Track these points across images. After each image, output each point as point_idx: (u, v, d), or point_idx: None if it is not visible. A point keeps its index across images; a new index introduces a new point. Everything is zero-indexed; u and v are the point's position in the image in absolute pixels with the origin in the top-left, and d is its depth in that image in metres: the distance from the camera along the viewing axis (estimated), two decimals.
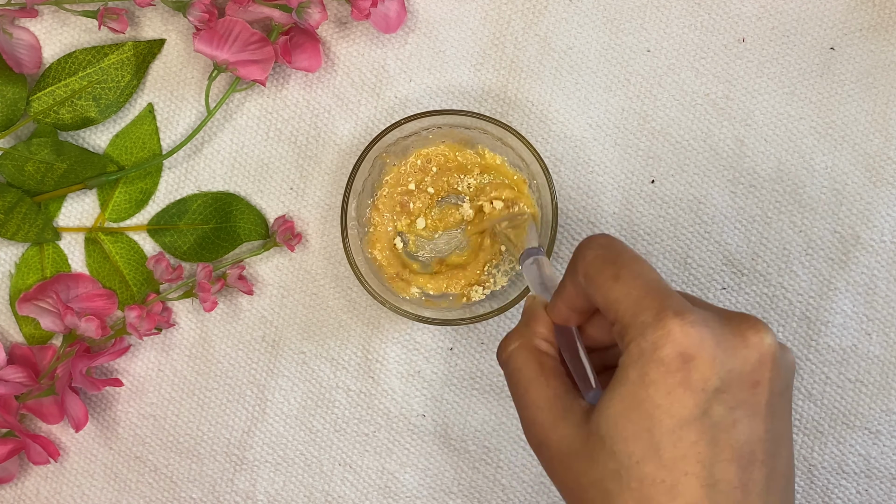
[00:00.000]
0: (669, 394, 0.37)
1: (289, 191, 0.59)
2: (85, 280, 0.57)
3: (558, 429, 0.40)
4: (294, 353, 0.59)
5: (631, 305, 0.38)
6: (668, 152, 0.58)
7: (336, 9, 0.58)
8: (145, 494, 0.59)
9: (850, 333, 0.58)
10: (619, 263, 0.40)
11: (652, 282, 0.39)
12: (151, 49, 0.58)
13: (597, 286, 0.40)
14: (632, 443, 0.38)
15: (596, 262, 0.40)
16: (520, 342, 0.43)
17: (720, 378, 0.37)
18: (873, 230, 0.58)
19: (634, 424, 0.38)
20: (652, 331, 0.37)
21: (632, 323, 0.38)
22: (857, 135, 0.58)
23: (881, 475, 0.58)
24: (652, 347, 0.37)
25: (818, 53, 0.58)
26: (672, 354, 0.37)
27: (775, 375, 0.39)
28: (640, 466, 0.37)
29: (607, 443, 0.38)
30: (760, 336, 0.38)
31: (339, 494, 0.59)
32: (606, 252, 0.40)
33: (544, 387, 0.41)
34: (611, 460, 0.38)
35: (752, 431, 0.38)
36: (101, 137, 0.58)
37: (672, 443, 0.37)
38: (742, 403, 0.38)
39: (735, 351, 0.38)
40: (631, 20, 0.58)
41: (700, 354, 0.37)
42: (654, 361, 0.37)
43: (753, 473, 0.38)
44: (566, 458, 0.39)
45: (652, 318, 0.38)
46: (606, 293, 0.39)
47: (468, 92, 0.58)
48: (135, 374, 0.59)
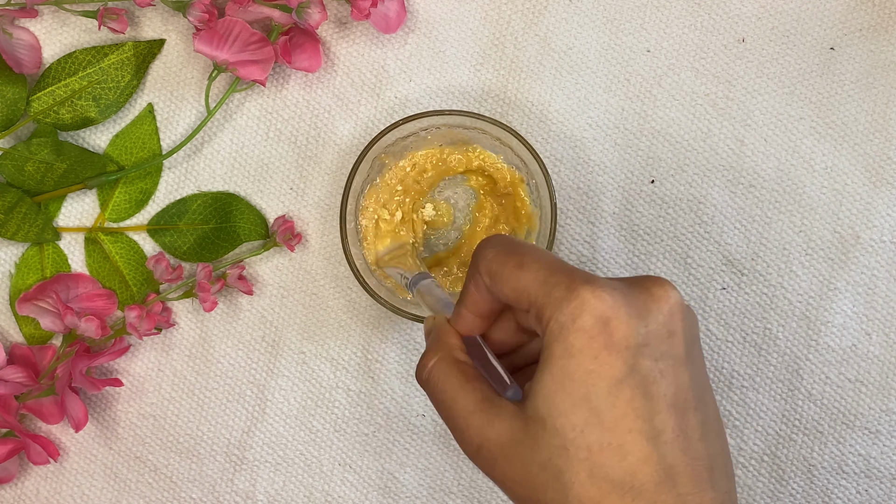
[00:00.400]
0: (596, 358, 0.38)
1: (289, 191, 0.59)
2: (85, 280, 0.57)
3: (494, 426, 0.40)
4: (294, 353, 0.59)
5: (541, 286, 0.39)
6: (668, 152, 0.58)
7: (336, 9, 0.58)
8: (145, 494, 0.59)
9: (850, 333, 0.58)
10: (520, 252, 0.41)
11: (555, 262, 0.40)
12: (151, 49, 0.58)
13: (503, 279, 0.40)
14: (572, 414, 0.38)
15: (497, 257, 0.41)
16: (437, 357, 0.43)
17: (639, 333, 0.38)
18: (873, 230, 0.58)
19: (570, 396, 0.38)
20: (567, 303, 0.38)
21: (546, 302, 0.39)
22: (857, 135, 0.58)
23: (881, 475, 0.58)
24: (570, 318, 0.38)
25: (818, 53, 0.58)
26: (591, 321, 0.38)
27: (686, 325, 0.40)
28: (586, 435, 0.38)
29: (548, 421, 0.38)
30: (666, 290, 0.40)
31: (339, 494, 0.59)
32: (505, 247, 0.41)
33: (470, 391, 0.41)
34: (555, 437, 0.38)
35: (679, 380, 0.39)
36: (101, 137, 0.58)
37: (610, 404, 0.38)
38: (664, 354, 0.39)
39: (646, 307, 0.39)
40: (631, 20, 0.58)
41: (616, 315, 0.38)
42: (575, 331, 0.38)
43: (690, 420, 0.39)
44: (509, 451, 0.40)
45: (564, 292, 0.38)
46: (514, 282, 0.40)
47: (468, 92, 0.58)
48: (135, 374, 0.59)
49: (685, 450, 0.38)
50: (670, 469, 0.38)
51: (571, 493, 0.38)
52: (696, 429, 0.39)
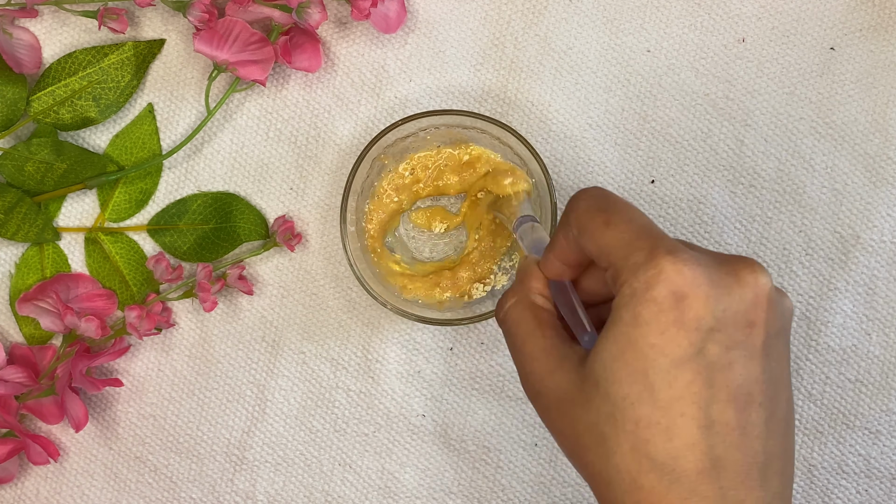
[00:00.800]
0: (663, 333, 0.37)
1: (289, 191, 0.59)
2: (85, 280, 0.57)
3: (555, 376, 0.39)
4: (294, 353, 0.59)
5: (622, 248, 0.38)
6: (668, 152, 0.58)
7: (336, 9, 0.58)
8: (145, 494, 0.59)
9: (850, 333, 0.58)
10: (611, 210, 0.39)
11: (644, 225, 0.39)
12: (151, 49, 0.58)
13: (589, 234, 0.39)
14: (626, 384, 0.37)
15: (588, 211, 0.40)
16: (516, 298, 0.43)
17: (714, 317, 0.37)
18: (873, 230, 0.58)
19: (629, 366, 0.37)
20: (644, 270, 0.37)
21: (624, 265, 0.38)
22: (857, 135, 0.58)
23: (881, 475, 0.58)
24: (644, 287, 0.37)
25: (818, 53, 0.58)
26: (665, 293, 0.37)
27: (771, 316, 0.38)
28: (636, 408, 0.37)
29: (602, 385, 0.38)
30: (756, 276, 0.38)
31: (339, 494, 0.59)
32: (597, 201, 0.40)
33: (540, 338, 0.41)
34: (605, 403, 0.37)
35: (748, 372, 0.37)
36: (101, 137, 0.58)
37: (667, 383, 0.37)
38: (737, 344, 0.37)
39: (729, 290, 0.37)
40: (631, 20, 0.58)
41: (693, 292, 0.37)
42: (646, 301, 0.37)
43: (751, 415, 0.37)
44: (562, 405, 0.39)
45: (644, 259, 0.37)
46: (598, 239, 0.39)
47: (468, 92, 0.58)
48: (135, 374, 0.59)
49: (738, 445, 0.37)
50: (717, 460, 0.37)
51: (612, 461, 0.37)
52: (757, 426, 0.38)
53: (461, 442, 0.59)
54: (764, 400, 0.38)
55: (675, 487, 0.37)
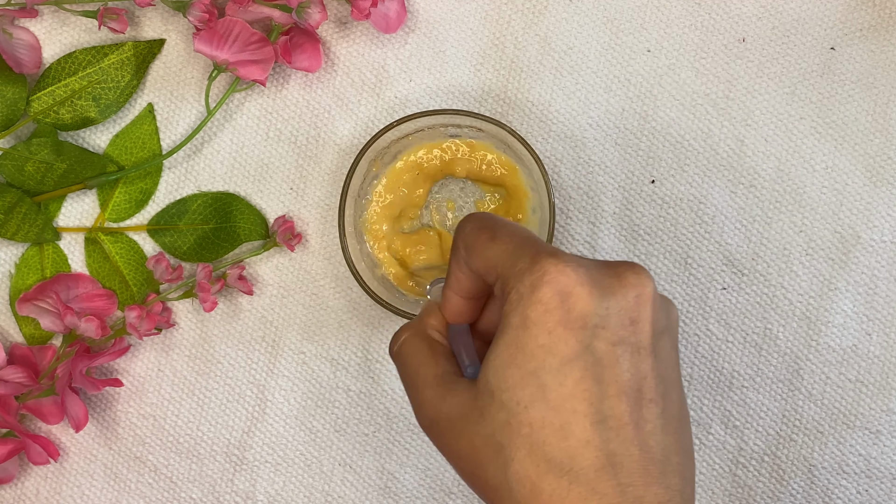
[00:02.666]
0: (551, 333, 0.37)
1: (289, 191, 0.59)
2: (85, 280, 0.57)
3: (446, 400, 0.40)
4: (294, 353, 0.59)
5: (508, 258, 0.39)
6: (668, 152, 0.58)
7: (336, 9, 0.58)
8: (145, 494, 0.59)
9: (850, 333, 0.58)
10: (494, 227, 0.40)
11: (526, 235, 0.40)
12: (151, 49, 0.58)
13: (476, 251, 0.40)
14: (518, 389, 0.37)
15: (473, 231, 0.41)
16: (411, 332, 0.43)
17: (599, 315, 0.37)
18: (873, 230, 0.58)
19: (520, 370, 0.37)
20: (529, 274, 0.38)
21: (510, 273, 0.38)
22: (857, 135, 0.58)
23: (881, 475, 0.58)
24: (530, 290, 0.37)
25: (818, 53, 0.58)
26: (550, 293, 0.37)
27: (656, 315, 0.38)
28: (529, 411, 0.37)
29: (496, 394, 0.38)
30: (638, 276, 0.38)
31: (339, 494, 0.59)
32: (481, 221, 0.41)
33: (433, 366, 0.41)
34: (500, 412, 0.38)
35: (636, 368, 0.38)
36: (101, 137, 0.58)
37: (558, 382, 0.37)
38: (623, 340, 0.38)
39: (612, 289, 0.38)
40: (631, 20, 0.58)
41: (577, 291, 0.37)
42: (532, 303, 0.37)
43: (644, 411, 0.38)
44: (457, 425, 0.39)
45: (528, 263, 0.38)
46: (485, 254, 0.40)
47: (468, 92, 0.58)
48: (135, 374, 0.59)
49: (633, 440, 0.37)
50: (612, 456, 0.37)
51: (510, 469, 0.37)
52: (650, 421, 0.38)
53: None
54: (655, 396, 0.38)
55: (574, 488, 0.37)
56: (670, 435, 0.38)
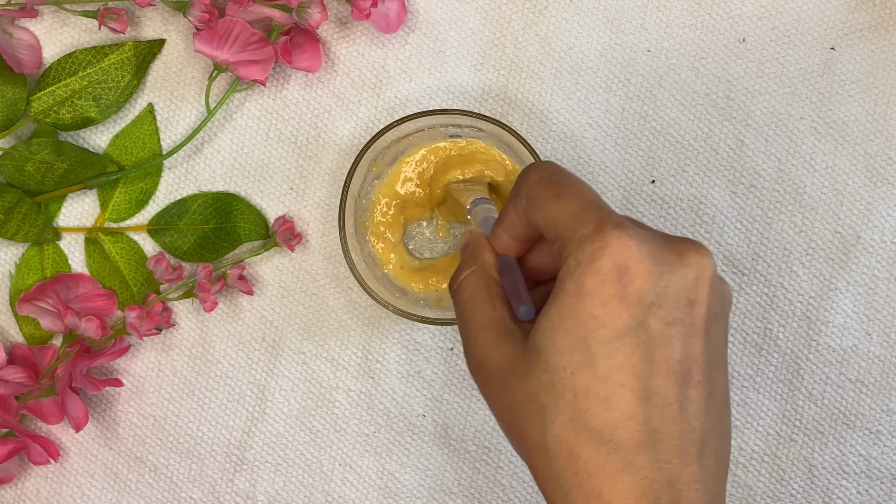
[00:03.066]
0: (605, 305, 0.37)
1: (289, 191, 0.59)
2: (85, 280, 0.57)
3: (499, 347, 0.39)
4: (294, 353, 0.59)
5: (570, 220, 0.38)
6: (668, 152, 0.58)
7: (336, 9, 0.58)
8: (145, 494, 0.59)
9: (850, 333, 0.58)
10: (561, 184, 0.40)
11: (593, 200, 0.39)
12: (151, 49, 0.58)
13: (538, 206, 0.40)
14: (567, 354, 0.37)
15: (538, 183, 0.40)
16: (472, 269, 0.43)
17: (656, 292, 0.37)
18: (873, 230, 0.58)
19: (570, 336, 0.37)
20: (590, 243, 0.37)
21: (571, 237, 0.38)
22: (857, 135, 0.58)
23: (882, 475, 0.58)
24: (589, 258, 0.37)
25: (818, 53, 0.58)
26: (609, 265, 0.37)
27: (712, 298, 0.38)
28: (575, 378, 0.37)
29: (542, 355, 0.38)
30: (700, 257, 0.38)
31: (339, 494, 0.59)
32: (548, 174, 0.40)
33: (490, 309, 0.41)
34: (545, 373, 0.37)
35: (687, 349, 0.37)
36: (101, 137, 0.58)
37: (607, 354, 0.37)
38: (678, 321, 0.37)
39: (672, 268, 0.37)
40: (631, 20, 0.58)
41: (636, 267, 0.37)
42: (590, 272, 0.37)
43: (690, 392, 0.37)
44: (503, 376, 0.39)
45: (591, 231, 0.37)
46: (548, 212, 0.39)
47: (468, 92, 0.58)
48: (135, 374, 0.59)
49: (675, 419, 0.37)
50: (654, 433, 0.37)
51: (550, 432, 0.37)
52: (695, 402, 0.38)
53: (461, 442, 0.59)
54: (702, 378, 0.38)
55: (612, 458, 0.37)
56: (712, 418, 0.38)
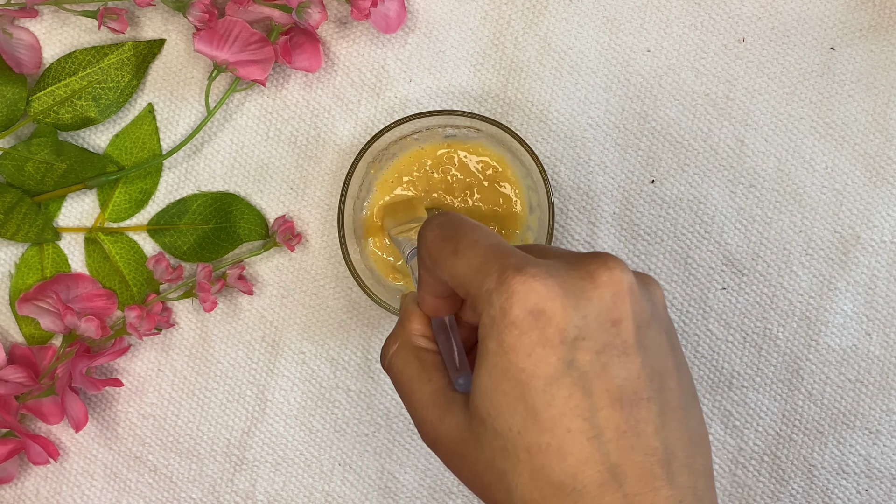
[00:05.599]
0: (530, 355, 0.35)
1: (289, 191, 0.59)
2: (85, 280, 0.57)
3: (445, 422, 0.39)
4: (294, 353, 0.59)
5: (474, 275, 0.37)
6: (668, 152, 0.58)
7: (336, 9, 0.58)
8: (145, 494, 0.59)
9: (850, 333, 0.58)
10: (456, 238, 0.38)
11: (490, 246, 0.37)
12: (151, 49, 0.58)
13: (441, 266, 0.38)
14: (509, 415, 0.36)
15: (435, 242, 0.39)
16: (398, 343, 0.42)
17: (577, 326, 0.36)
18: (873, 230, 0.58)
19: (506, 395, 0.36)
20: (497, 295, 0.36)
21: (479, 293, 0.37)
22: (857, 135, 0.58)
23: (881, 475, 0.58)
24: (501, 313, 0.36)
25: (818, 53, 0.58)
26: (522, 314, 0.35)
27: (637, 308, 0.37)
28: (523, 436, 0.36)
29: (487, 422, 0.37)
30: (611, 272, 0.36)
31: (339, 494, 0.59)
32: (443, 229, 0.39)
33: (426, 383, 0.40)
34: (495, 438, 0.37)
35: (626, 371, 0.36)
36: (101, 137, 0.58)
37: (547, 403, 0.36)
38: (606, 345, 0.36)
39: (586, 294, 0.36)
40: (631, 20, 0.58)
41: (549, 307, 0.35)
42: (506, 326, 0.36)
43: (640, 412, 0.36)
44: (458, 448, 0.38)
45: (495, 283, 0.36)
46: (450, 270, 0.38)
47: (468, 92, 0.58)
48: (135, 374, 0.59)
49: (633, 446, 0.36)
50: (615, 468, 0.36)
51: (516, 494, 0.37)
52: (650, 421, 0.36)
53: None
54: (651, 394, 0.36)
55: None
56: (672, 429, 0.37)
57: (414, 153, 0.56)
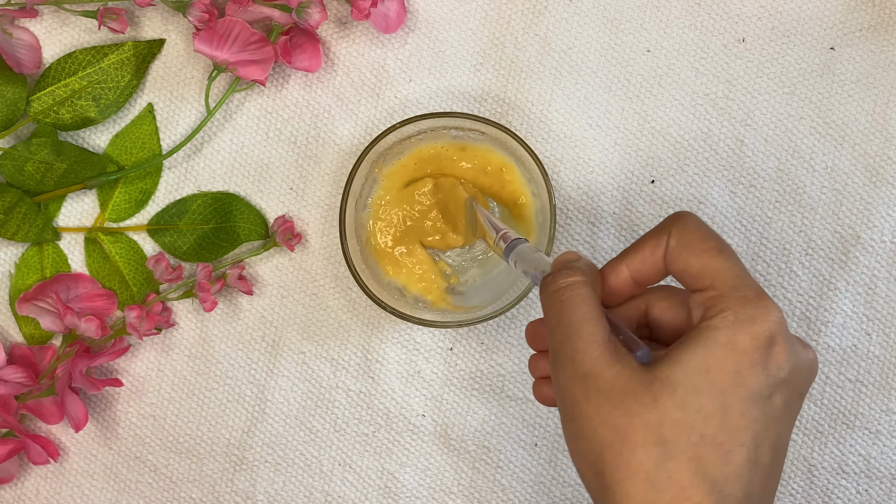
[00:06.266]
0: (751, 367, 0.39)
1: (289, 191, 0.59)
2: (85, 280, 0.57)
3: (614, 367, 0.40)
4: (294, 353, 0.59)
5: (733, 278, 0.40)
6: (668, 152, 0.58)
7: (336, 9, 0.58)
8: (145, 494, 0.59)
9: (850, 333, 0.58)
10: (721, 241, 0.42)
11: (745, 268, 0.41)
12: (151, 49, 0.58)
13: (696, 253, 0.41)
14: (706, 399, 0.39)
15: (699, 231, 0.42)
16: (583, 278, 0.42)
17: (788, 371, 0.40)
18: (873, 230, 0.58)
19: (713, 383, 0.39)
20: (753, 306, 0.39)
21: (731, 294, 0.40)
22: (857, 135, 0.58)
23: (881, 475, 0.58)
24: (750, 320, 0.39)
25: (818, 53, 0.58)
26: (765, 332, 0.39)
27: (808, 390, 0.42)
28: (706, 423, 0.39)
29: (679, 392, 0.39)
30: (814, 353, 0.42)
31: (339, 494, 0.59)
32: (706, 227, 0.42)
33: (601, 325, 0.41)
34: (677, 409, 0.39)
35: (786, 432, 0.41)
36: (101, 137, 0.58)
37: (741, 412, 0.39)
38: (791, 403, 0.40)
39: (800, 353, 0.40)
40: (631, 20, 0.58)
41: (782, 343, 0.39)
42: (748, 333, 0.39)
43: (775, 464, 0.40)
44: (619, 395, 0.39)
45: (754, 296, 0.40)
46: (707, 262, 0.41)
47: (468, 92, 0.58)
48: (135, 374, 0.59)
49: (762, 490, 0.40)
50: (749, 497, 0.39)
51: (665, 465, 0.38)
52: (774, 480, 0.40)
53: (461, 442, 0.59)
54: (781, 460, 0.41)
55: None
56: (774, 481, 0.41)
57: (419, 152, 0.56)
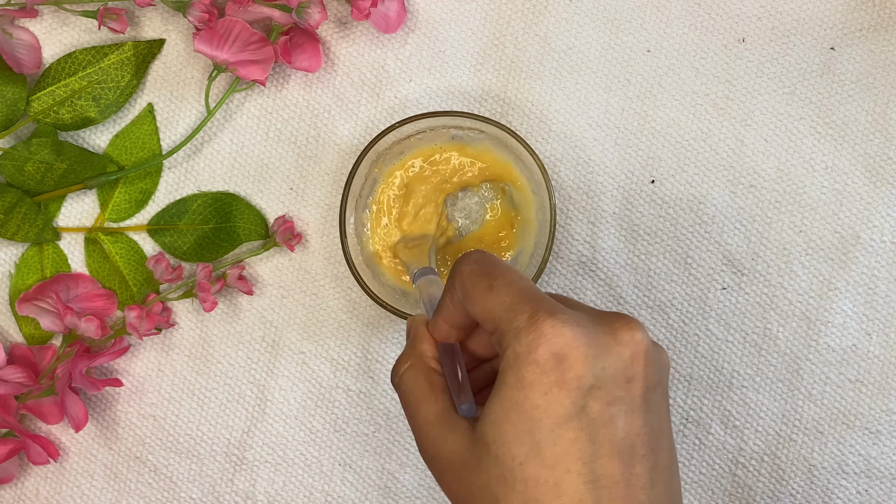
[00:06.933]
0: (546, 394, 0.38)
1: (289, 191, 0.59)
2: (85, 280, 0.57)
3: (447, 441, 0.41)
4: (294, 353, 0.59)
5: (505, 312, 0.39)
6: (668, 152, 0.58)
7: (336, 9, 0.58)
8: (145, 494, 0.59)
9: (850, 333, 0.58)
10: (493, 275, 0.41)
11: (524, 289, 0.40)
12: (151, 49, 0.58)
13: (473, 299, 0.41)
14: (514, 445, 0.38)
15: (471, 275, 0.41)
16: (410, 362, 0.44)
17: (594, 375, 0.38)
18: (873, 230, 0.58)
19: (515, 427, 0.38)
20: (525, 334, 0.38)
21: (507, 329, 0.39)
22: (857, 135, 0.58)
23: (881, 475, 0.58)
24: (527, 350, 0.38)
25: (818, 53, 0.58)
26: (546, 355, 0.38)
27: (649, 371, 0.40)
28: (524, 468, 0.38)
29: (491, 448, 0.39)
30: (632, 333, 0.39)
31: (339, 494, 0.59)
32: (480, 266, 0.42)
33: (433, 402, 0.42)
34: (495, 465, 0.39)
35: (629, 426, 0.39)
36: (101, 137, 0.58)
37: (552, 441, 0.38)
38: (618, 399, 0.39)
39: (608, 348, 0.39)
40: (631, 20, 0.58)
41: (573, 353, 0.38)
42: (529, 363, 0.38)
43: (635, 468, 0.39)
44: (456, 469, 0.40)
45: (525, 322, 0.39)
46: (482, 304, 0.40)
47: (468, 92, 0.58)
48: (135, 374, 0.59)
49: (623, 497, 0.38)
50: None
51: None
52: (642, 477, 0.39)
53: None
54: (647, 452, 0.39)
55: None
56: (659, 487, 0.39)
57: (419, 152, 0.56)
